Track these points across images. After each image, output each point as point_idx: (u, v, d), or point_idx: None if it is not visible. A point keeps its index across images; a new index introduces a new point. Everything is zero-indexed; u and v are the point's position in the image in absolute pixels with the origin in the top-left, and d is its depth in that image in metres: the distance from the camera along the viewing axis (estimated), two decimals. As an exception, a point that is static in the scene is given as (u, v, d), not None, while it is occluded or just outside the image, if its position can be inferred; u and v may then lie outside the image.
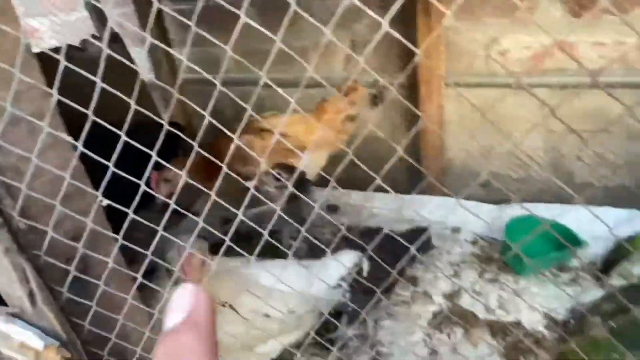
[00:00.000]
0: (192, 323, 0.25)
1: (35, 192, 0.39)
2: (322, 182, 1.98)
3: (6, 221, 0.38)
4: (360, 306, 0.93)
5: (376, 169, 0.75)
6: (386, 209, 1.93)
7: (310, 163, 1.74)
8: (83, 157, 0.43)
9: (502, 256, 1.54)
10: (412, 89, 1.81)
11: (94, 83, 0.41)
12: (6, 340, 0.47)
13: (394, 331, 1.31)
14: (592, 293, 1.36)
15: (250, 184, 0.60)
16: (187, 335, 0.25)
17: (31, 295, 0.40)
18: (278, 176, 1.52)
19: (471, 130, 1.84)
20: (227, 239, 0.56)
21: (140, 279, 0.53)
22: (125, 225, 0.46)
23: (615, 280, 1.40)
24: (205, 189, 0.57)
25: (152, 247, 0.51)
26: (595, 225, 1.53)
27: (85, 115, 0.41)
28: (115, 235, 0.50)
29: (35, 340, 0.44)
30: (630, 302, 1.22)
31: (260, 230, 0.59)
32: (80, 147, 0.42)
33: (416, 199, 1.89)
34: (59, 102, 0.43)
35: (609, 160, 1.64)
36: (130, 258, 0.62)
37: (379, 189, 0.88)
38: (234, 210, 0.55)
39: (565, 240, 1.51)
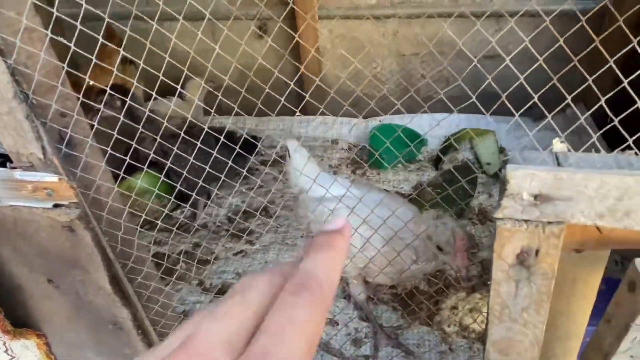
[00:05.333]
0: (315, 293, 0.24)
1: (42, 77, 0.61)
2: (220, 112, 2.17)
3: (25, 98, 0.59)
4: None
5: (267, 95, 0.97)
6: (278, 129, 2.23)
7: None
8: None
9: (368, 157, 1.96)
10: (291, 21, 2.05)
11: None
12: (20, 189, 0.66)
13: (291, 215, 1.68)
14: (430, 174, 1.85)
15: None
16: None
17: (43, 149, 0.62)
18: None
19: (341, 56, 2.17)
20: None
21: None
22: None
23: (446, 165, 1.90)
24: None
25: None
26: (435, 127, 2.02)
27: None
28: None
29: (50, 177, 0.63)
30: (453, 177, 1.70)
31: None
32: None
33: (302, 119, 2.22)
34: None
35: (443, 75, 2.11)
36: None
37: (272, 113, 1.13)
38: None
39: (411, 140, 1.95)
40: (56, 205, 0.69)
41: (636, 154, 0.58)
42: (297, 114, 1.14)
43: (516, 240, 0.59)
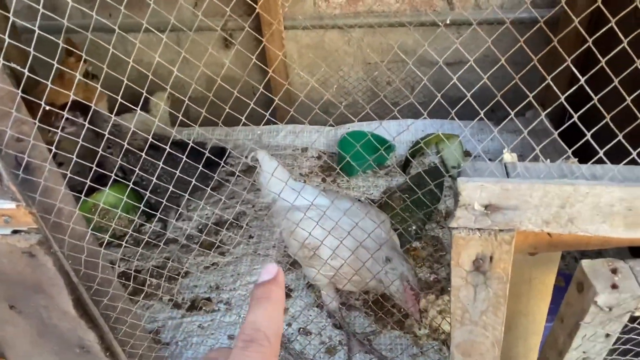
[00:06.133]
0: (263, 345, 0.28)
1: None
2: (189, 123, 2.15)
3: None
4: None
5: (235, 105, 0.98)
6: (247, 139, 2.22)
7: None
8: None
9: (338, 164, 1.98)
10: (257, 32, 2.06)
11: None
12: (-23, 215, 0.65)
13: (263, 225, 1.68)
14: (398, 179, 1.89)
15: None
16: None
17: (-1, 175, 0.60)
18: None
19: (309, 65, 2.19)
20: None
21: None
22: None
23: (414, 170, 1.95)
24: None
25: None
26: (402, 132, 2.07)
27: None
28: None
29: (7, 204, 0.61)
30: (421, 181, 1.74)
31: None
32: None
33: (271, 128, 2.22)
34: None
35: (408, 83, 2.16)
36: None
37: (240, 123, 1.12)
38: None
39: (380, 146, 1.99)
40: (15, 231, 0.67)
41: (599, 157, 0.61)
42: (267, 116, 1.14)
43: (471, 247, 0.62)
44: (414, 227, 1.55)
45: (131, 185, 1.02)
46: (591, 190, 0.54)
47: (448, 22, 1.94)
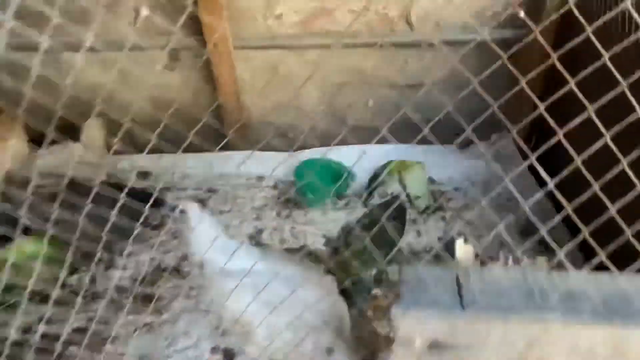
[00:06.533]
0: None
1: None
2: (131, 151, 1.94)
3: None
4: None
5: (184, 132, 0.83)
6: (198, 167, 2.04)
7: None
8: None
9: (294, 196, 1.83)
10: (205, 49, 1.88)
11: None
12: None
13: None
14: (359, 212, 1.75)
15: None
16: None
17: None
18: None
19: (262, 88, 2.02)
20: None
21: None
22: None
23: (376, 200, 1.81)
24: None
25: None
26: (362, 159, 1.93)
27: None
28: None
29: None
30: (381, 215, 1.59)
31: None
32: None
33: (224, 155, 2.04)
34: None
35: (369, 105, 2.02)
36: None
37: (189, 150, 0.95)
38: None
39: (339, 174, 1.82)
40: None
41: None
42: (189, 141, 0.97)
43: (416, 385, 0.48)
44: (373, 273, 1.40)
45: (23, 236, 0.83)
46: (566, 329, 0.40)
47: (409, 42, 1.82)
